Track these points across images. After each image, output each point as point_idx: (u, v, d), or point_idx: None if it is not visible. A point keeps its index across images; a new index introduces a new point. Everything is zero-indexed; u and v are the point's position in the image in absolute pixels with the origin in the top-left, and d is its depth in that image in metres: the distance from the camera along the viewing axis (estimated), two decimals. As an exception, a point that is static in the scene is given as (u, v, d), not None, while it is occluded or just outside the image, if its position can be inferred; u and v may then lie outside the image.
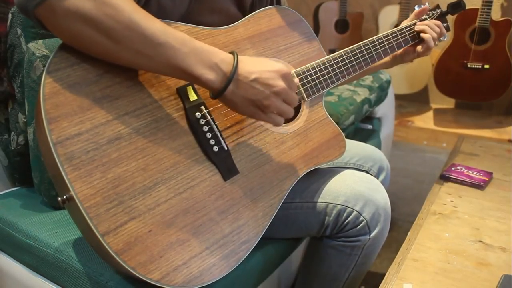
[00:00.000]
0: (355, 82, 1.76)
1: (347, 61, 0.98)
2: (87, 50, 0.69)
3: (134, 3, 0.68)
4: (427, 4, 1.13)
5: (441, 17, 1.14)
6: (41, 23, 0.66)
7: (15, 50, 1.03)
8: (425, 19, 1.12)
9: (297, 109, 0.95)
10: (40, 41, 0.95)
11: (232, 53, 0.74)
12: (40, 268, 0.90)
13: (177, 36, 0.69)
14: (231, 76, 0.72)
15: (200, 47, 0.71)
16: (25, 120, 1.03)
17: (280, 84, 0.75)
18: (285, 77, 0.76)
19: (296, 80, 0.82)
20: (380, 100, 1.78)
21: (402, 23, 1.12)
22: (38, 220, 0.96)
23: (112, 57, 0.69)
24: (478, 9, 2.54)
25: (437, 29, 1.09)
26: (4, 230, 0.96)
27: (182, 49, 0.69)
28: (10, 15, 1.02)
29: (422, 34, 1.08)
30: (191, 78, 0.71)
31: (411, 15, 1.12)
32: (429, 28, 1.08)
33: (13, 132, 1.09)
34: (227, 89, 0.72)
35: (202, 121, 0.78)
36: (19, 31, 1.01)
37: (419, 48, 1.10)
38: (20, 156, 1.10)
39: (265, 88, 0.74)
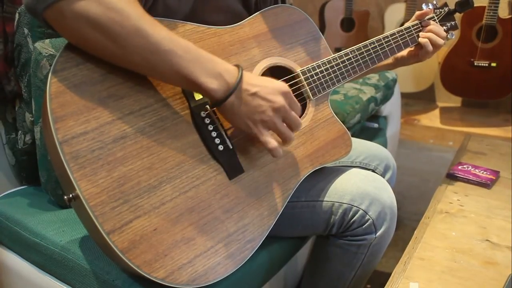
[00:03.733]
0: (361, 80, 1.76)
1: (353, 59, 0.98)
2: (94, 53, 0.69)
3: (141, 9, 0.68)
4: (430, 5, 1.12)
5: (449, 15, 1.13)
6: (49, 25, 0.67)
7: (22, 50, 1.04)
8: (432, 17, 1.11)
9: (303, 108, 0.95)
10: (47, 41, 0.95)
11: (237, 65, 0.75)
12: (47, 266, 0.90)
13: (182, 44, 0.70)
14: (235, 87, 0.72)
15: (204, 56, 0.71)
16: (32, 119, 1.03)
17: (280, 100, 0.75)
18: (286, 95, 0.77)
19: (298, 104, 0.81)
20: (386, 98, 1.77)
21: (406, 23, 1.11)
22: (45, 218, 0.97)
23: (118, 61, 0.70)
24: (485, 6, 2.52)
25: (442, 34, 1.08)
26: (11, 228, 0.96)
27: (186, 57, 0.69)
28: (17, 15, 1.03)
29: (420, 39, 1.07)
30: (193, 85, 0.72)
31: (413, 17, 1.11)
32: (432, 33, 1.07)
33: (20, 131, 1.09)
34: (228, 100, 0.72)
35: (207, 120, 0.78)
36: (26, 30, 1.01)
37: (421, 52, 1.09)
38: (27, 155, 1.11)
39: (265, 102, 0.75)
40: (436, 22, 1.11)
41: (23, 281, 0.98)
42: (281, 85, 0.77)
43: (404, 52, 1.11)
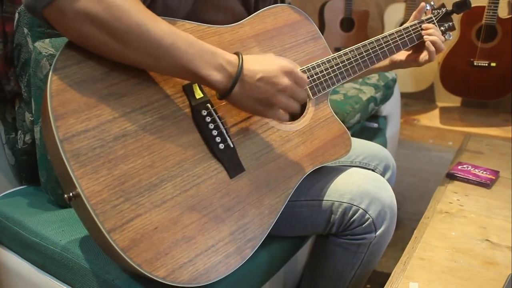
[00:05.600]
0: (360, 80, 1.76)
1: (352, 59, 0.98)
2: (95, 50, 0.69)
3: (142, 4, 0.68)
4: (428, 6, 1.12)
5: (446, 16, 1.13)
6: (49, 23, 0.67)
7: (22, 50, 1.04)
8: (430, 18, 1.11)
9: (303, 108, 0.95)
10: (47, 40, 0.95)
11: (237, 53, 0.75)
12: (47, 266, 0.90)
13: (184, 38, 0.70)
14: (237, 77, 0.72)
15: (206, 48, 0.71)
16: (32, 119, 1.03)
17: (285, 81, 0.76)
18: (290, 73, 0.77)
19: (305, 76, 0.82)
20: (386, 98, 1.77)
21: (406, 24, 1.11)
22: (45, 218, 0.97)
23: (120, 58, 0.70)
24: (484, 6, 2.52)
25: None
26: (11, 228, 0.96)
27: (189, 50, 0.69)
28: (16, 14, 1.03)
29: (427, 44, 1.07)
30: (197, 79, 0.72)
31: (412, 16, 1.11)
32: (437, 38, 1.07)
33: (20, 131, 1.09)
34: (233, 90, 0.73)
35: (208, 119, 0.78)
36: (25, 30, 1.01)
37: (422, 56, 1.09)
38: (27, 155, 1.11)
39: (271, 86, 0.75)
40: (434, 23, 1.11)
41: (23, 281, 0.98)
42: (283, 64, 0.77)
43: (403, 56, 1.11)
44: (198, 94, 0.78)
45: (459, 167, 1.24)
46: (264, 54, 0.80)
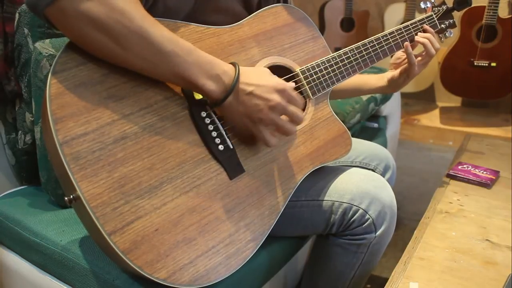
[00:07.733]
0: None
1: (352, 58, 0.98)
2: (95, 52, 0.69)
3: (144, 10, 0.69)
4: (428, 4, 1.12)
5: (447, 13, 1.13)
6: (50, 22, 0.67)
7: (22, 50, 1.04)
8: (431, 15, 1.11)
9: (303, 108, 0.95)
10: (47, 41, 0.95)
11: (233, 64, 0.76)
12: (48, 266, 0.90)
13: (183, 46, 0.70)
14: (231, 89, 0.73)
15: (204, 58, 0.72)
16: (32, 119, 1.03)
17: (275, 98, 0.76)
18: (282, 92, 0.77)
19: (299, 96, 0.81)
20: (386, 98, 1.77)
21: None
22: (45, 218, 0.97)
23: (118, 61, 0.70)
24: (485, 6, 2.52)
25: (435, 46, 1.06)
26: (11, 228, 0.96)
27: (187, 58, 0.70)
28: (17, 15, 1.03)
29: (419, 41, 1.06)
30: (193, 86, 0.73)
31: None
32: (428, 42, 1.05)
33: (20, 131, 1.09)
34: (226, 100, 0.74)
35: (207, 120, 0.78)
36: (26, 30, 1.01)
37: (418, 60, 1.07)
38: (27, 155, 1.11)
39: (260, 101, 0.76)
40: (435, 20, 1.11)
41: (23, 281, 0.98)
42: (276, 82, 0.77)
43: (396, 72, 1.10)
44: (197, 96, 0.78)
45: (459, 167, 1.24)
46: (260, 69, 0.80)
